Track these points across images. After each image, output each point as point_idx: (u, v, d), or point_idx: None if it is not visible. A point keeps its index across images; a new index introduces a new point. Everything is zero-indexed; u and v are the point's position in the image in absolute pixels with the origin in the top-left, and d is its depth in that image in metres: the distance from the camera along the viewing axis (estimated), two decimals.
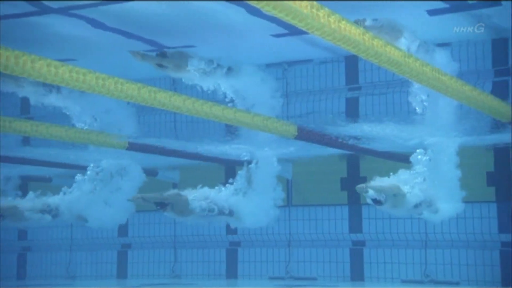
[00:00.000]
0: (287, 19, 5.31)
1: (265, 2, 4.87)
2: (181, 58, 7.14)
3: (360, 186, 8.43)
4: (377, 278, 12.40)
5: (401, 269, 12.16)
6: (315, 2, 5.43)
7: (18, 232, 15.51)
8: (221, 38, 7.04)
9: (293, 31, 6.76)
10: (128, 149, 11.60)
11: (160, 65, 7.08)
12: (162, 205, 9.42)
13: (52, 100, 8.72)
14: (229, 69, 7.63)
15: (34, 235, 15.19)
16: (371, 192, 8.32)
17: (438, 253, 11.76)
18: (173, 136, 11.46)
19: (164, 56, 7.03)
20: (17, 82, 7.60)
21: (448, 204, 9.42)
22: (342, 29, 5.73)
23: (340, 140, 11.23)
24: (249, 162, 11.07)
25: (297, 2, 5.18)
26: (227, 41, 7.16)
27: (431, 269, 11.91)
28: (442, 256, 11.77)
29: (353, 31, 5.84)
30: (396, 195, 8.60)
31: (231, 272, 13.80)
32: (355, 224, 12.66)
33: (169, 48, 7.46)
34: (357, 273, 12.64)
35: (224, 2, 6.08)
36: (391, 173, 8.95)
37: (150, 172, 13.29)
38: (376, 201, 8.48)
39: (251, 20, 6.50)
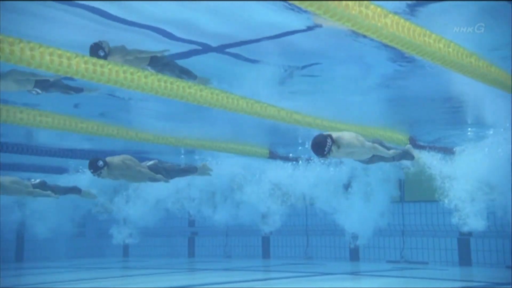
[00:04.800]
0: (406, 50, 5.22)
1: (389, 38, 4.85)
2: (122, 52, 5.85)
3: None
4: (484, 263, 11.69)
5: (506, 256, 11.36)
6: (427, 31, 5.23)
7: (188, 220, 16.41)
8: (343, 58, 6.81)
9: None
10: (269, 157, 11.95)
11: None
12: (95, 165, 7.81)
13: None
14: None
15: (200, 223, 15.95)
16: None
17: None
18: None
19: (99, 48, 5.67)
20: None
21: None
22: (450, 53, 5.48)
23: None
24: None
25: (410, 32, 5.04)
26: (349, 61, 6.91)
27: None
28: None
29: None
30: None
31: (354, 256, 13.75)
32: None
33: (299, 67, 7.13)
34: (465, 259, 12.02)
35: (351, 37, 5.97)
36: None
37: None
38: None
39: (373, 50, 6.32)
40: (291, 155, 12.54)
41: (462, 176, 10.24)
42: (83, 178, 12.85)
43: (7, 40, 4.86)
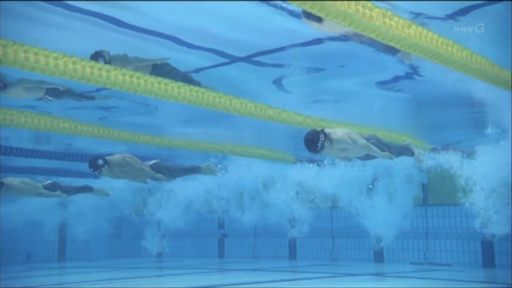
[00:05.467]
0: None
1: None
2: (122, 61, 5.75)
3: None
4: (507, 266, 11.42)
5: None
6: (450, 41, 5.16)
7: (218, 222, 16.53)
8: (362, 64, 6.83)
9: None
10: (295, 162, 11.96)
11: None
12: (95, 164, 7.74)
13: None
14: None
15: (229, 225, 16.07)
16: None
17: None
18: None
19: (99, 56, 5.56)
20: None
21: None
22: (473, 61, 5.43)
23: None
24: None
25: (433, 42, 5.00)
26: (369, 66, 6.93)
27: None
28: None
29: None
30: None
31: (378, 257, 13.61)
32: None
33: (324, 69, 7.04)
34: (488, 261, 11.78)
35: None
36: None
37: None
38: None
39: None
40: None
41: (484, 179, 10.06)
42: (119, 181, 13.08)
43: (52, 55, 4.97)
